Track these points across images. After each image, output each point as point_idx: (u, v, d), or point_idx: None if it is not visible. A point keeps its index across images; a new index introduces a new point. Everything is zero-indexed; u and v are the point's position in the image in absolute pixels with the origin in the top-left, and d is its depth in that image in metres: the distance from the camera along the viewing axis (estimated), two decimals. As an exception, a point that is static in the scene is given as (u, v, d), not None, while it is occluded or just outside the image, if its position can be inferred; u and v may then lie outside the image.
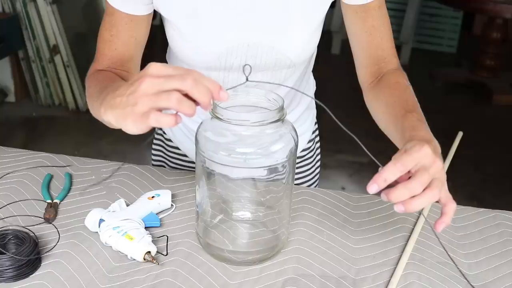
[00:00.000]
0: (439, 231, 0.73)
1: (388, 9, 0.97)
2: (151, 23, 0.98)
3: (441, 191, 0.71)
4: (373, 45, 0.96)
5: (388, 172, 0.69)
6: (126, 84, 0.69)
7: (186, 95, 0.66)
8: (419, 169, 0.70)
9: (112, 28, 0.94)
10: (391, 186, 0.69)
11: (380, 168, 0.70)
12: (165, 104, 0.65)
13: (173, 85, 0.65)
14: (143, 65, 0.81)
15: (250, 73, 0.73)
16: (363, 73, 0.99)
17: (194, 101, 0.67)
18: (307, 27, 0.95)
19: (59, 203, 0.97)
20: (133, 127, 0.67)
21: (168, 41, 0.99)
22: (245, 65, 0.73)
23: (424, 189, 0.69)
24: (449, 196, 0.74)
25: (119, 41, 0.94)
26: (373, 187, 0.69)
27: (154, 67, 0.66)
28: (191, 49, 0.96)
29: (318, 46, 1.07)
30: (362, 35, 0.96)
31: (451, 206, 0.73)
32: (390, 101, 0.90)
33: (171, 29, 0.96)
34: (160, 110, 0.66)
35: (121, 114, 0.68)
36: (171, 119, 0.66)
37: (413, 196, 0.69)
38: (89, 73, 0.95)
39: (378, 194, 0.70)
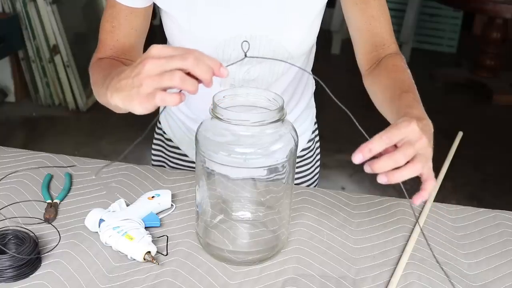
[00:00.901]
0: (417, 204, 0.74)
1: (388, 9, 0.98)
2: (151, 14, 0.99)
3: (424, 168, 0.72)
4: (372, 34, 0.98)
5: (374, 144, 0.70)
6: (130, 67, 0.72)
7: (189, 74, 0.68)
8: (405, 143, 0.71)
9: (113, 20, 0.96)
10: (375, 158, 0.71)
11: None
12: (169, 83, 0.67)
13: (175, 64, 0.67)
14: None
15: (248, 49, 0.73)
16: (362, 59, 1.01)
17: (196, 79, 0.69)
18: (304, 19, 0.96)
19: (59, 203, 0.97)
20: (139, 108, 0.70)
21: (166, 35, 1.00)
22: (244, 41, 0.73)
23: (408, 163, 0.71)
24: (432, 174, 0.75)
25: (120, 32, 0.97)
26: (358, 156, 0.70)
27: (155, 48, 0.69)
28: (189, 41, 0.96)
29: (318, 46, 1.07)
30: (361, 25, 0.98)
31: (431, 183, 0.74)
32: (387, 83, 0.93)
33: (169, 22, 0.97)
34: (164, 89, 0.69)
35: (127, 96, 0.71)
36: (175, 98, 0.68)
37: (397, 168, 0.70)
38: (92, 61, 0.98)
39: (362, 165, 0.71)
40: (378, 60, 0.99)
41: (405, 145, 0.71)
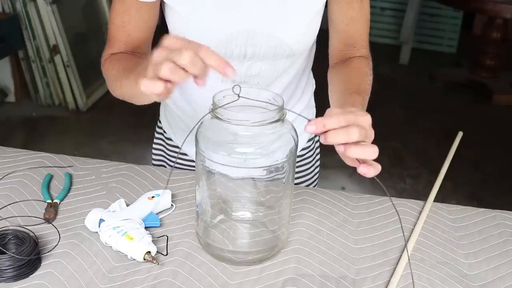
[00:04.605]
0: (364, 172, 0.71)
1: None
2: (159, 8, 1.00)
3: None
4: (347, 34, 1.02)
5: (330, 121, 0.70)
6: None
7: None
8: (359, 125, 0.71)
9: (124, 14, 0.97)
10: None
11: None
12: (159, 73, 0.68)
13: (173, 58, 0.68)
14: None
15: (240, 91, 0.74)
16: (332, 53, 1.06)
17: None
18: (305, 14, 0.97)
19: (59, 203, 0.97)
20: (146, 91, 0.70)
21: (169, 30, 1.00)
22: (235, 85, 0.74)
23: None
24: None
25: (131, 27, 0.97)
26: (311, 127, 0.71)
27: (168, 39, 0.70)
28: (192, 37, 0.97)
29: (319, 46, 1.08)
30: (339, 23, 1.01)
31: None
32: (344, 79, 0.97)
33: (173, 17, 0.97)
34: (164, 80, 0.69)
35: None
36: (159, 85, 0.68)
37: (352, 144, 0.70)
38: (105, 57, 0.99)
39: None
40: (345, 58, 1.03)
41: (359, 126, 0.71)
